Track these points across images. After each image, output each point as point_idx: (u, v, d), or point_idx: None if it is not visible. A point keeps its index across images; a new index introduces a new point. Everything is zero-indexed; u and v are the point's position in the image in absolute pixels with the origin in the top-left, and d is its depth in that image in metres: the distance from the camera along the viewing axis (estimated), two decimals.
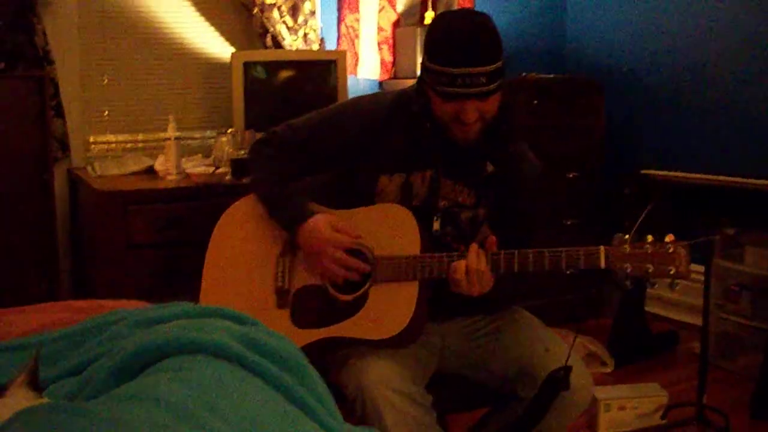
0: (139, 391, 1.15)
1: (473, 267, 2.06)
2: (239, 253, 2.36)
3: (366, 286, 2.18)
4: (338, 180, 2.39)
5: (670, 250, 1.99)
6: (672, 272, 1.98)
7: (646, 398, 3.33)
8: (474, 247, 2.09)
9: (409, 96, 2.31)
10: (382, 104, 2.34)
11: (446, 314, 2.33)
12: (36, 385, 1.26)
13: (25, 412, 1.05)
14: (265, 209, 2.32)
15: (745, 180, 3.29)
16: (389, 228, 2.21)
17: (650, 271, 1.99)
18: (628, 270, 2.00)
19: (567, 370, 2.05)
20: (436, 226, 2.26)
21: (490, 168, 2.28)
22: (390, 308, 2.13)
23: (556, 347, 2.23)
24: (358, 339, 2.12)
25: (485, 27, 2.12)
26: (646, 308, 4.25)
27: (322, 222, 2.22)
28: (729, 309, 3.90)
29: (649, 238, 2.01)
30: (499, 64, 2.10)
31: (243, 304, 2.17)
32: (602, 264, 2.02)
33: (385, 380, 2.03)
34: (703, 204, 3.38)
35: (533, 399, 2.11)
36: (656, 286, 2.09)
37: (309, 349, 2.02)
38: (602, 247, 2.02)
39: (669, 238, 2.01)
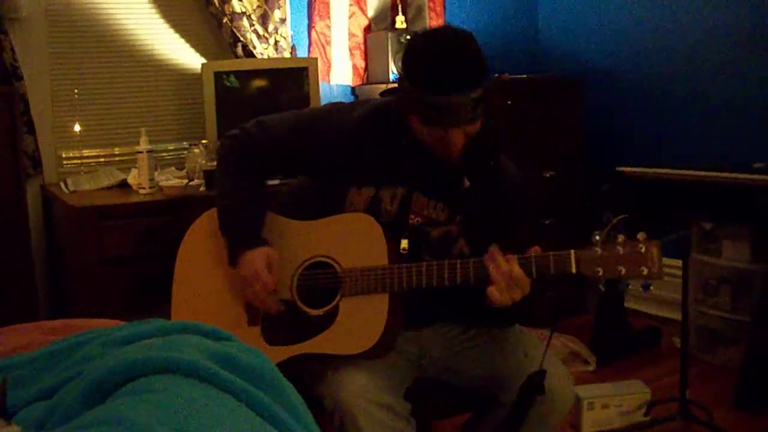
0: (108, 415, 1.13)
1: (505, 270, 1.99)
2: (207, 270, 2.33)
3: (336, 300, 2.16)
4: (309, 189, 2.37)
5: (642, 250, 1.95)
6: (645, 273, 1.95)
7: (629, 395, 3.33)
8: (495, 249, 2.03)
9: (385, 109, 2.26)
10: (358, 115, 2.28)
11: (423, 321, 2.31)
12: (4, 411, 1.24)
13: None
14: (217, 219, 2.30)
15: (720, 174, 3.30)
16: (356, 239, 2.18)
17: (623, 273, 1.96)
18: (600, 273, 1.97)
19: (541, 374, 2.04)
20: (404, 245, 2.22)
21: (466, 183, 2.24)
22: (362, 321, 2.11)
23: (535, 351, 2.21)
24: (332, 354, 2.11)
25: (470, 49, 2.06)
26: (627, 305, 4.26)
27: (261, 256, 2.20)
28: (708, 303, 3.92)
29: (620, 238, 1.97)
30: (484, 84, 2.05)
31: (214, 322, 2.15)
32: (573, 269, 1.98)
33: (361, 392, 2.01)
34: (680, 199, 3.39)
35: (511, 408, 2.10)
36: (630, 287, 2.07)
37: (283, 366, 2.02)
38: (572, 252, 1.99)
39: (641, 236, 1.97)
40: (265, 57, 4.11)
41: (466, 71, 2.03)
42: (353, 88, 4.53)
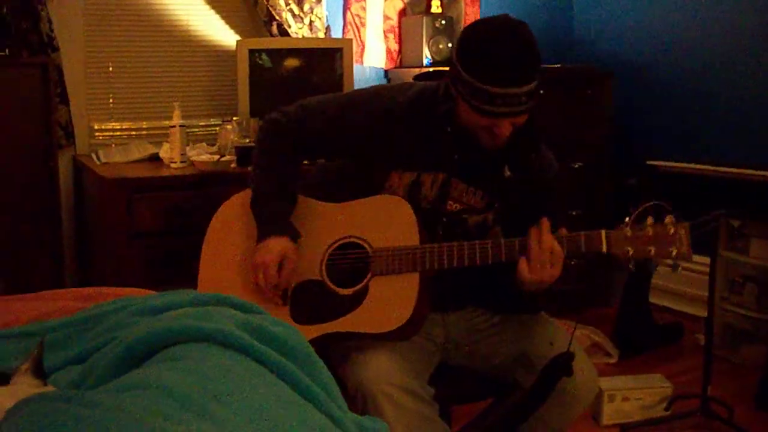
0: (144, 379, 1.14)
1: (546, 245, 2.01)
2: (237, 248, 2.33)
3: (366, 279, 2.16)
4: (351, 170, 2.35)
5: (671, 231, 1.98)
6: (674, 253, 1.98)
7: (650, 389, 3.33)
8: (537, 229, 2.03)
9: (432, 94, 2.24)
10: (403, 99, 2.26)
11: (451, 305, 2.31)
12: (40, 372, 1.25)
13: (29, 401, 1.05)
14: (250, 198, 2.31)
15: (751, 171, 3.28)
16: (387, 219, 2.18)
17: (652, 253, 1.99)
18: (630, 253, 1.99)
19: (569, 356, 2.05)
20: (440, 231, 2.23)
21: (508, 173, 2.23)
22: (391, 301, 2.11)
23: (561, 341, 2.22)
24: (360, 333, 2.11)
25: (528, 43, 2.03)
26: (651, 299, 4.24)
27: (276, 249, 2.19)
28: (734, 301, 3.90)
29: (650, 220, 2.00)
30: (537, 79, 2.03)
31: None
32: (604, 247, 2.00)
33: (384, 376, 2.01)
34: (709, 195, 3.37)
35: (534, 384, 2.10)
36: (658, 268, 2.09)
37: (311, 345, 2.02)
38: (603, 231, 2.01)
39: (668, 219, 2.00)
40: (300, 37, 4.11)
41: (522, 65, 2.01)
42: (386, 71, 4.52)
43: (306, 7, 4.13)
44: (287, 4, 4.07)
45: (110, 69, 3.92)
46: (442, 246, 2.11)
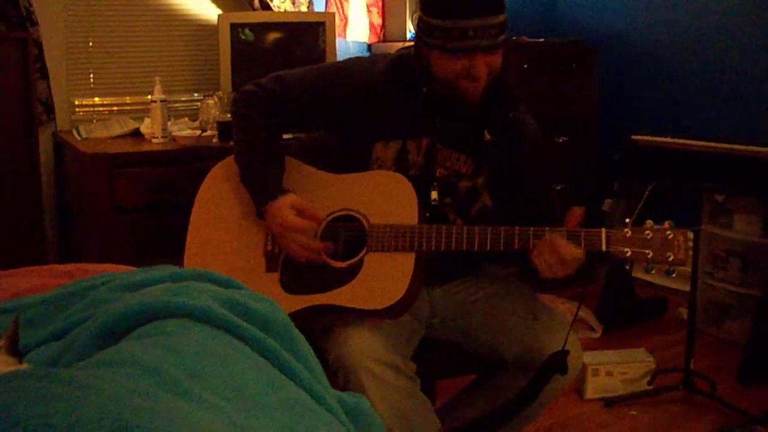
0: (120, 356, 1.13)
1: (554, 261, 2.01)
2: (226, 215, 2.32)
3: (361, 254, 2.14)
4: (334, 144, 2.34)
5: (670, 237, 1.97)
6: (671, 258, 1.97)
7: (633, 364, 3.34)
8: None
9: (405, 60, 2.26)
10: (379, 68, 2.28)
11: (436, 280, 2.31)
12: (16, 350, 1.23)
13: (1, 379, 1.03)
14: (239, 174, 2.29)
15: (734, 146, 3.27)
16: (386, 195, 2.17)
17: (649, 256, 1.97)
18: (628, 254, 1.98)
19: (564, 353, 2.05)
20: (434, 196, 2.22)
21: (488, 136, 2.23)
22: (385, 278, 2.09)
23: (545, 315, 2.22)
24: (350, 308, 2.09)
25: None
26: (634, 274, 4.25)
27: (286, 205, 2.17)
28: (717, 275, 3.91)
29: (649, 223, 1.99)
30: (505, 14, 2.07)
31: (230, 268, 2.14)
32: (603, 247, 1.99)
33: (365, 351, 2.00)
34: (693, 169, 3.37)
35: (528, 384, 2.10)
36: (654, 271, 2.09)
37: (297, 315, 2.01)
38: (603, 230, 2.00)
39: (668, 224, 1.99)
40: (282, 10, 4.07)
41: None
42: (369, 46, 4.49)
43: None
44: None
45: (90, 44, 3.87)
46: (441, 228, 2.10)
